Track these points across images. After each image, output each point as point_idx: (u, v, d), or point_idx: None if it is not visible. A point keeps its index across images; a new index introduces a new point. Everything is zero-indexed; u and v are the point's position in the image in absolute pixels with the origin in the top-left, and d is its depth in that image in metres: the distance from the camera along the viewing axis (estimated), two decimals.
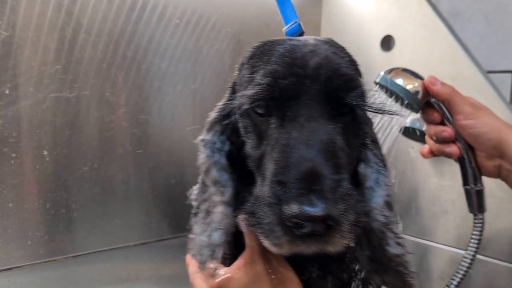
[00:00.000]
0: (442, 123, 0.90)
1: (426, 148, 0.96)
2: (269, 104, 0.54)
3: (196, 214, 0.69)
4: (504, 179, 0.87)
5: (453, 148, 0.88)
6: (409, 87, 0.90)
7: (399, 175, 1.25)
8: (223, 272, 0.65)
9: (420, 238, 1.22)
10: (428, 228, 1.20)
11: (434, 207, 1.18)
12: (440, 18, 1.18)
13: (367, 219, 0.55)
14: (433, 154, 0.95)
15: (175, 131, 1.17)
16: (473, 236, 0.93)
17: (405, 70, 0.93)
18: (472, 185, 0.90)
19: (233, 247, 0.70)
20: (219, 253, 0.61)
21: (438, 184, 1.17)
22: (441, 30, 1.17)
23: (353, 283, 0.70)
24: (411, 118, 1.15)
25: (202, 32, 1.20)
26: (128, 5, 1.06)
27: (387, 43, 1.28)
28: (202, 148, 0.63)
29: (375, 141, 0.65)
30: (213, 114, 0.65)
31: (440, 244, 1.17)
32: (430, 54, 1.18)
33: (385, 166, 0.64)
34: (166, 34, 1.14)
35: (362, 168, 0.63)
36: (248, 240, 0.68)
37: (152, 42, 1.11)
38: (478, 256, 1.01)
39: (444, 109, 0.90)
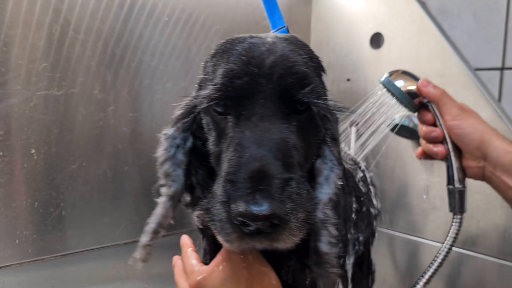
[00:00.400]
0: (435, 124, 0.94)
1: (419, 149, 0.99)
2: (226, 103, 0.56)
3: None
4: (488, 181, 0.90)
5: (440, 148, 0.93)
6: (406, 89, 0.96)
7: (389, 172, 1.26)
8: (201, 271, 0.68)
9: (410, 235, 1.23)
10: (418, 224, 1.21)
11: (424, 203, 1.19)
12: (429, 16, 1.18)
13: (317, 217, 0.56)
14: (425, 155, 0.98)
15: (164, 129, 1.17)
16: (449, 234, 0.94)
17: (404, 73, 0.99)
18: (455, 185, 0.93)
19: (213, 243, 0.72)
20: (151, 241, 0.64)
21: (427, 180, 1.18)
22: (430, 28, 1.18)
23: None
24: (400, 115, 1.16)
25: (192, 30, 1.20)
26: (117, 3, 1.05)
27: (376, 40, 1.29)
28: (162, 142, 0.64)
29: (335, 138, 0.66)
30: (178, 111, 0.66)
31: (430, 240, 1.18)
32: (418, 51, 1.19)
33: (339, 164, 0.65)
34: (155, 32, 1.13)
35: (318, 163, 0.64)
36: None
37: (142, 40, 1.11)
38: (468, 252, 1.02)
39: (435, 110, 0.93)
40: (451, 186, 0.94)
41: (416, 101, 0.96)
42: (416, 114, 0.99)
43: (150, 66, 1.13)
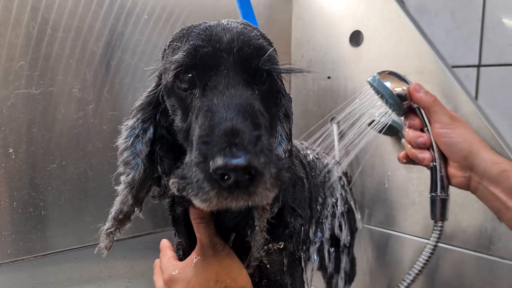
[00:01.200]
0: (421, 129, 0.95)
1: (403, 153, 0.99)
2: (191, 77, 0.58)
3: None
4: (474, 191, 0.90)
5: (425, 155, 0.92)
6: (395, 91, 0.95)
7: (369, 168, 1.27)
8: (175, 265, 0.71)
9: (390, 229, 1.24)
10: (397, 219, 1.23)
11: (402, 198, 1.21)
12: (407, 14, 1.20)
13: (289, 175, 0.58)
14: (408, 159, 0.98)
15: None
16: (430, 242, 0.96)
17: (393, 74, 0.98)
18: (438, 193, 0.93)
19: (190, 239, 0.73)
20: (112, 228, 0.68)
21: (406, 176, 1.20)
22: (408, 26, 1.19)
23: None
24: (379, 112, 1.17)
25: (173, 28, 1.20)
26: (96, 1, 1.05)
27: (356, 38, 1.30)
28: (122, 132, 0.67)
29: (287, 115, 0.69)
30: (137, 102, 0.68)
31: (409, 234, 1.20)
32: (397, 49, 1.21)
33: (288, 140, 0.68)
34: (135, 30, 1.13)
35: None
36: (197, 233, 0.71)
37: (122, 38, 1.11)
38: (446, 246, 1.04)
39: (424, 116, 0.94)
40: (433, 194, 0.95)
41: (405, 105, 0.95)
42: (402, 117, 1.00)
43: (130, 65, 1.13)
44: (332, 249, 1.05)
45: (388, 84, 0.96)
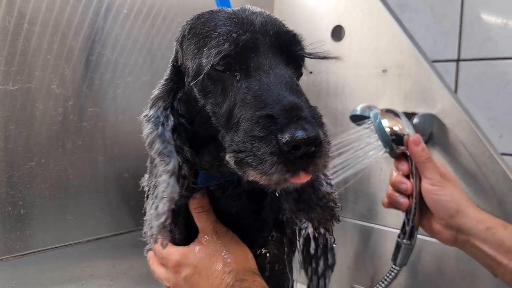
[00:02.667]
0: (408, 176, 0.97)
1: (385, 199, 1.02)
2: (229, 61, 0.59)
3: (147, 197, 0.71)
4: (461, 247, 0.92)
5: (405, 201, 0.96)
6: (392, 135, 0.96)
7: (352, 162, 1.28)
8: (179, 250, 0.71)
9: (372, 223, 1.26)
10: (379, 212, 1.24)
11: (385, 192, 1.22)
12: (387, 9, 1.21)
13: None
14: (390, 205, 1.01)
15: (128, 123, 1.15)
16: (381, 284, 1.01)
17: (395, 114, 0.99)
18: (404, 241, 0.98)
19: (187, 231, 0.73)
20: (167, 221, 0.64)
21: (388, 170, 1.21)
22: (389, 21, 1.20)
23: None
24: (361, 106, 1.18)
25: (153, 23, 1.18)
26: None
27: (337, 33, 1.31)
28: (146, 124, 0.65)
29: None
30: (155, 91, 0.67)
31: (391, 227, 1.21)
32: (378, 43, 1.22)
33: None
34: (115, 25, 1.11)
35: None
36: (198, 223, 0.71)
37: (101, 33, 1.09)
38: (427, 238, 1.05)
39: (414, 167, 0.95)
40: (400, 239, 0.99)
41: (400, 150, 0.97)
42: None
43: (110, 60, 1.11)
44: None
45: (386, 124, 0.97)
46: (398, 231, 1.02)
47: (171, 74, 0.68)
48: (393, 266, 1.02)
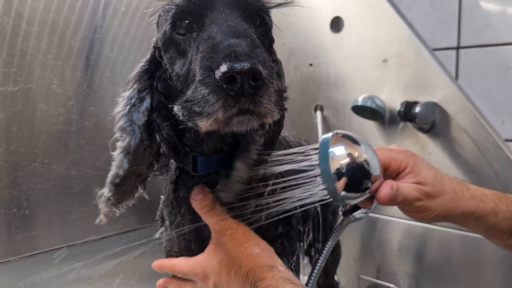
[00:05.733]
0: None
1: None
2: (188, 23, 0.60)
3: None
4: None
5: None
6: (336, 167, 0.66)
7: None
8: (200, 261, 0.71)
9: (377, 213, 1.26)
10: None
11: None
12: None
13: (287, 99, 0.59)
14: None
15: None
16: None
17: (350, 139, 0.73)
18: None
19: (192, 222, 0.72)
20: (110, 193, 0.68)
21: None
22: (388, 10, 1.20)
23: None
24: (362, 97, 1.18)
25: (151, 20, 1.18)
26: None
27: (336, 24, 1.30)
28: (119, 103, 0.67)
29: (279, 75, 0.69)
30: (133, 72, 0.68)
31: (396, 217, 1.21)
32: (377, 33, 1.21)
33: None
34: (113, 23, 1.11)
35: None
36: (207, 222, 0.69)
37: (100, 31, 1.08)
38: (433, 226, 1.05)
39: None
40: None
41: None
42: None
43: (110, 58, 1.11)
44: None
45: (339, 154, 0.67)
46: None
47: (151, 56, 0.68)
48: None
